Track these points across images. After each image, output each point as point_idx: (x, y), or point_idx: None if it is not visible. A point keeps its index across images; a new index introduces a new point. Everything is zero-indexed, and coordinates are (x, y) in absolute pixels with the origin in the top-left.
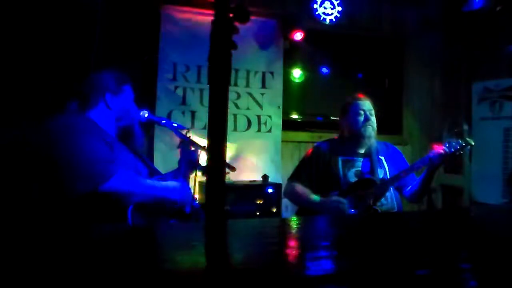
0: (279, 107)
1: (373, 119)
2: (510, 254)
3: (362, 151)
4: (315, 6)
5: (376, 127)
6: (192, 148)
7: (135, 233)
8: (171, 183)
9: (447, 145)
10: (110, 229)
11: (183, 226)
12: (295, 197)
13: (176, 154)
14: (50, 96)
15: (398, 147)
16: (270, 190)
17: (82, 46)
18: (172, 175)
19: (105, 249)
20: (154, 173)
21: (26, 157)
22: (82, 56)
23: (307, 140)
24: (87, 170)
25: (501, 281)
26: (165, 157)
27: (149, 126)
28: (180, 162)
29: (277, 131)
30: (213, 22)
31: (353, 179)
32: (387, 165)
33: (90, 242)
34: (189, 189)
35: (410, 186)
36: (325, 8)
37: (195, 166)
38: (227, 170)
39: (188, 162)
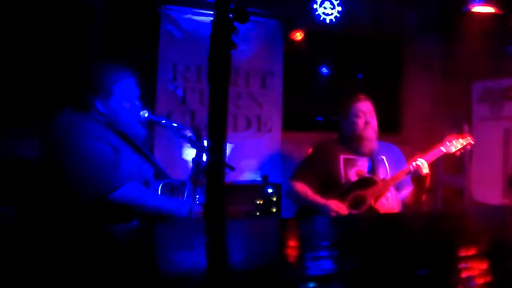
0: (279, 107)
1: (374, 120)
2: (509, 254)
3: (363, 150)
4: (315, 6)
5: (377, 128)
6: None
7: (135, 233)
8: (176, 200)
9: (448, 144)
10: (110, 230)
11: (183, 226)
12: (296, 197)
13: (178, 153)
14: (48, 97)
15: (398, 147)
16: (270, 190)
17: (82, 46)
18: (180, 182)
19: (106, 249)
20: (160, 174)
21: (33, 162)
22: (81, 56)
23: (307, 140)
24: (93, 179)
25: (500, 281)
26: (165, 157)
27: (149, 126)
28: (190, 174)
29: (277, 131)
30: (213, 22)
31: (354, 178)
32: (388, 165)
33: (91, 243)
34: (190, 203)
35: (406, 190)
36: (325, 8)
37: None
38: (226, 170)
39: (199, 174)
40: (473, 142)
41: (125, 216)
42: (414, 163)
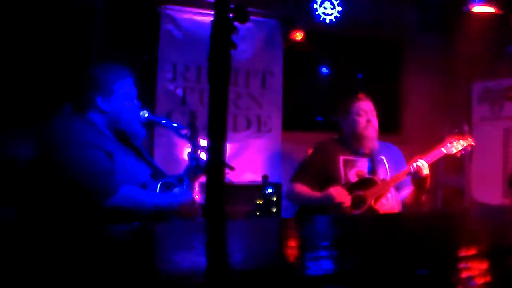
0: (279, 107)
1: (375, 119)
2: (509, 254)
3: (363, 151)
4: (315, 6)
5: (377, 128)
6: (201, 155)
7: (135, 233)
8: (174, 193)
9: (448, 145)
10: (110, 230)
11: (183, 226)
12: (296, 197)
13: (178, 153)
14: (47, 97)
15: (398, 147)
16: (270, 190)
17: (82, 46)
18: (177, 179)
19: (105, 249)
20: (157, 174)
21: (31, 163)
22: (81, 56)
23: (307, 140)
24: (88, 187)
25: (500, 281)
26: (165, 157)
27: (149, 126)
28: (186, 169)
29: (277, 131)
30: (213, 22)
31: (354, 179)
32: (388, 166)
33: (90, 243)
34: (191, 194)
35: (406, 191)
36: (325, 8)
37: (202, 172)
38: (226, 170)
39: (195, 170)
40: (473, 144)
41: (126, 218)
42: (414, 164)
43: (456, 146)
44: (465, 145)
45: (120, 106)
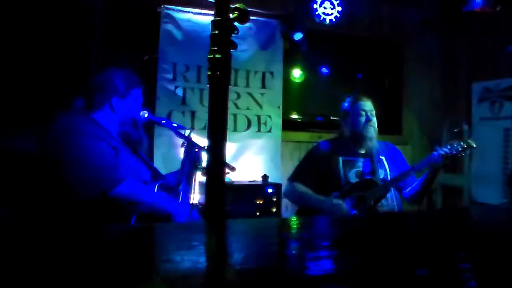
0: (279, 107)
1: (374, 119)
2: (510, 254)
3: (363, 151)
4: (315, 6)
5: (377, 128)
6: (196, 149)
7: (135, 233)
8: (176, 202)
9: (449, 147)
10: (109, 229)
11: (183, 226)
12: (295, 197)
13: (178, 153)
14: (50, 95)
15: (398, 147)
16: (270, 190)
17: (82, 46)
18: (175, 176)
19: (105, 249)
20: (157, 176)
21: (33, 161)
22: (82, 56)
23: (307, 140)
24: (94, 176)
25: (501, 281)
26: (165, 157)
27: (149, 126)
28: (183, 162)
29: (277, 131)
30: (213, 22)
31: (354, 179)
32: (388, 166)
33: (90, 242)
34: (189, 206)
35: (410, 188)
36: (325, 8)
37: (199, 166)
38: (227, 170)
39: (192, 163)
40: (474, 146)
41: (124, 213)
42: (434, 153)
43: (456, 147)
44: (465, 146)
45: (130, 109)
